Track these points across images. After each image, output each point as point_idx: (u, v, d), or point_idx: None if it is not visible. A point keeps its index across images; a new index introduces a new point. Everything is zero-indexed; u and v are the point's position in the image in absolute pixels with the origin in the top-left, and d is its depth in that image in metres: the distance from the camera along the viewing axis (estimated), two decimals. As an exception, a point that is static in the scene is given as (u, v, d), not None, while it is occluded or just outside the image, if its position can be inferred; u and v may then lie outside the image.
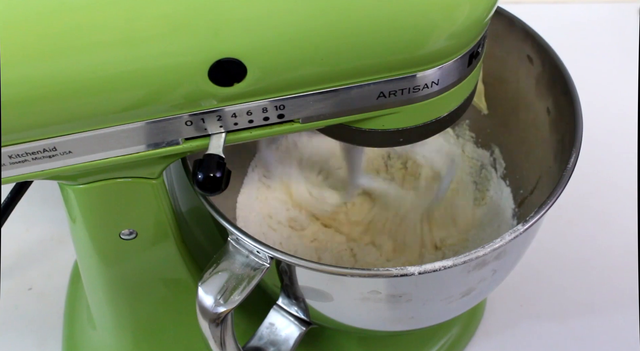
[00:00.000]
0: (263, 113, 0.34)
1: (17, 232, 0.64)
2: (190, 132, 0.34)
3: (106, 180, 0.38)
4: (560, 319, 0.59)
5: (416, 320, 0.46)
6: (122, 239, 0.42)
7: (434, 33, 0.30)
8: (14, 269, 0.62)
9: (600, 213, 0.65)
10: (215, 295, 0.38)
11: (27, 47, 0.29)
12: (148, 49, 0.30)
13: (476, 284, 0.42)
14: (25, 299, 0.61)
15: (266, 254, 0.38)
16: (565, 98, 0.45)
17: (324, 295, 0.41)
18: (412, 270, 0.37)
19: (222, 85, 0.31)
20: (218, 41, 0.30)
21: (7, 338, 0.58)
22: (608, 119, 0.71)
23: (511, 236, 0.38)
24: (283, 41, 0.30)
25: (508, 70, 0.51)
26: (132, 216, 0.41)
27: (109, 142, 0.34)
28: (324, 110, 0.34)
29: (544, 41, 0.47)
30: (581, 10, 0.84)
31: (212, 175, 0.33)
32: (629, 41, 0.79)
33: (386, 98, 0.33)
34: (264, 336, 0.46)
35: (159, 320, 0.50)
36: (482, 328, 0.58)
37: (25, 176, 0.35)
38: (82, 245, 0.44)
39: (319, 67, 0.31)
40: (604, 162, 0.68)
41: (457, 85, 0.34)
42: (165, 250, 0.44)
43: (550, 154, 0.47)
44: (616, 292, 0.60)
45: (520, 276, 0.58)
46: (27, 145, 0.33)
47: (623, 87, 0.74)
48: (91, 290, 0.49)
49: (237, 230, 0.39)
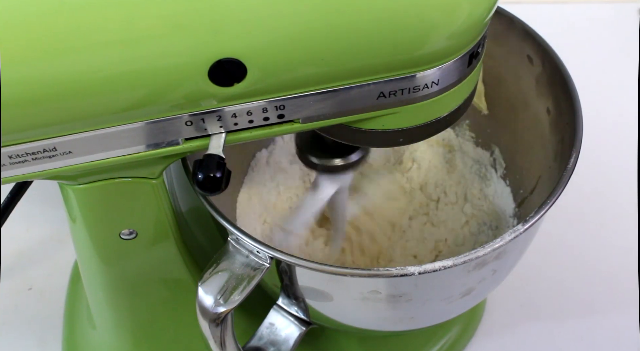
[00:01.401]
0: (263, 113, 0.34)
1: (17, 232, 0.64)
2: (190, 132, 0.34)
3: (106, 180, 0.38)
4: (560, 319, 0.59)
5: (416, 320, 0.46)
6: (122, 239, 0.42)
7: (434, 33, 0.30)
8: (14, 269, 0.62)
9: (600, 213, 0.65)
10: (215, 295, 0.38)
11: (27, 47, 0.29)
12: (148, 49, 0.30)
13: (476, 284, 0.42)
14: (26, 299, 0.61)
15: (266, 254, 0.38)
16: (565, 98, 0.45)
17: (324, 295, 0.41)
18: (412, 270, 0.37)
19: (222, 85, 0.31)
20: (218, 41, 0.30)
21: (7, 338, 0.58)
22: (608, 119, 0.71)
23: (511, 236, 0.38)
24: (283, 41, 0.30)
25: (508, 70, 0.51)
26: (132, 216, 0.41)
27: (109, 142, 0.34)
28: (324, 110, 0.34)
29: (544, 41, 0.47)
30: (581, 10, 0.84)
31: (212, 175, 0.33)
32: (629, 41, 0.79)
33: (386, 98, 0.33)
34: (264, 336, 0.46)
35: (159, 320, 0.50)
36: (482, 328, 0.58)
37: (25, 176, 0.35)
38: (82, 245, 0.44)
39: (319, 67, 0.31)
40: (604, 162, 0.68)
41: (457, 85, 0.34)
42: (165, 250, 0.44)
43: (550, 154, 0.47)
44: (616, 292, 0.60)
45: (520, 277, 0.58)
46: (27, 145, 0.33)
47: (623, 86, 0.74)
48: (91, 290, 0.49)
49: (237, 230, 0.39)
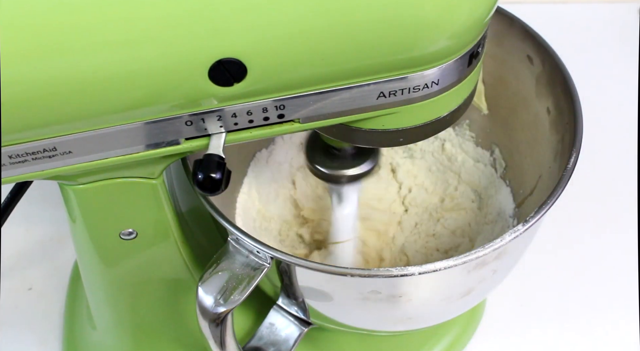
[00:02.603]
0: (263, 113, 0.33)
1: (17, 232, 0.64)
2: (190, 132, 0.34)
3: (106, 180, 0.38)
4: (560, 319, 0.59)
5: (416, 320, 0.46)
6: (122, 239, 0.42)
7: (434, 33, 0.30)
8: (14, 269, 0.62)
9: (600, 213, 0.65)
10: (215, 295, 0.38)
11: (26, 47, 0.29)
12: (148, 49, 0.29)
13: (476, 284, 0.42)
14: (25, 299, 0.61)
15: (266, 254, 0.38)
16: (565, 98, 0.45)
17: (324, 295, 0.41)
18: (412, 270, 0.37)
19: (222, 85, 0.31)
20: (218, 41, 0.30)
21: (7, 338, 0.58)
22: (608, 119, 0.71)
23: (511, 236, 0.38)
24: (284, 41, 0.30)
25: (508, 70, 0.51)
26: (132, 216, 0.41)
27: (109, 142, 0.34)
28: (324, 110, 0.34)
29: (544, 41, 0.47)
30: (581, 9, 0.84)
31: (212, 175, 0.33)
32: (629, 41, 0.79)
33: (386, 98, 0.33)
34: (264, 336, 0.46)
35: (159, 320, 0.50)
36: (482, 328, 0.58)
37: (25, 176, 0.35)
38: (82, 245, 0.44)
39: (319, 67, 0.31)
40: (604, 162, 0.68)
41: (457, 85, 0.34)
42: (165, 250, 0.44)
43: (550, 154, 0.47)
44: (616, 292, 0.60)
45: (520, 277, 0.58)
46: (27, 145, 0.33)
47: (623, 86, 0.74)
48: (91, 290, 0.49)
49: (237, 230, 0.39)
